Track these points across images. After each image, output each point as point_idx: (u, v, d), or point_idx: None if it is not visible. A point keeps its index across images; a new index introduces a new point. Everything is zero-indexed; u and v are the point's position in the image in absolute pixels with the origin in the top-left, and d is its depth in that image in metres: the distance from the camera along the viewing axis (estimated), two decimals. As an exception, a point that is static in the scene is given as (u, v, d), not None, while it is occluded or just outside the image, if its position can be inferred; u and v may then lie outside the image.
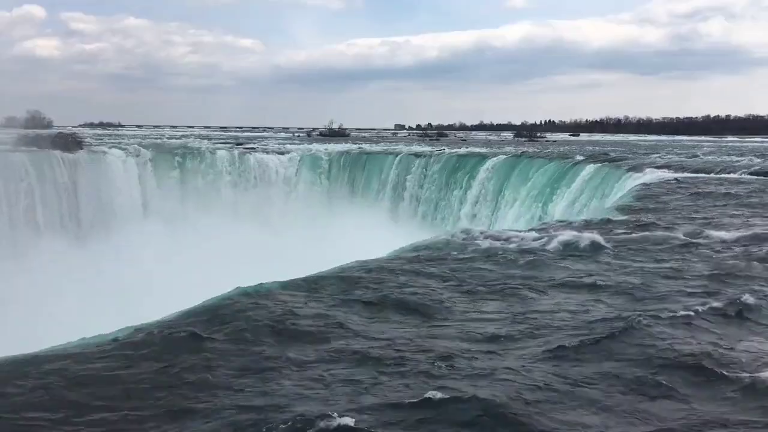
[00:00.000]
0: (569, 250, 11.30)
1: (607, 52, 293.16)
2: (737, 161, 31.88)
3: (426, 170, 41.42)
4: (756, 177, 24.24)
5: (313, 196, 43.55)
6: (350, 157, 46.19)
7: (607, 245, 11.50)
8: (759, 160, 32.76)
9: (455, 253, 11.14)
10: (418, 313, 7.73)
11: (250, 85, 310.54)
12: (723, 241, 11.90)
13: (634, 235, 12.57)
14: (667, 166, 28.34)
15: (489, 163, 38.12)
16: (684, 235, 12.38)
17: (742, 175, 24.94)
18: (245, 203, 41.02)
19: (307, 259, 14.27)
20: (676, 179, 23.54)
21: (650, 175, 25.08)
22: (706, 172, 26.00)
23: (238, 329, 6.77)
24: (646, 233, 12.71)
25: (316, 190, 44.35)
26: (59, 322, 17.57)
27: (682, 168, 27.73)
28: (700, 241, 11.97)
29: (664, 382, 5.66)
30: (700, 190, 20.18)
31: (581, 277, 9.50)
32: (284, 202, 42.89)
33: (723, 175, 25.01)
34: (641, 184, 22.90)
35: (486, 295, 8.56)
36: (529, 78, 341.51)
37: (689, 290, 8.66)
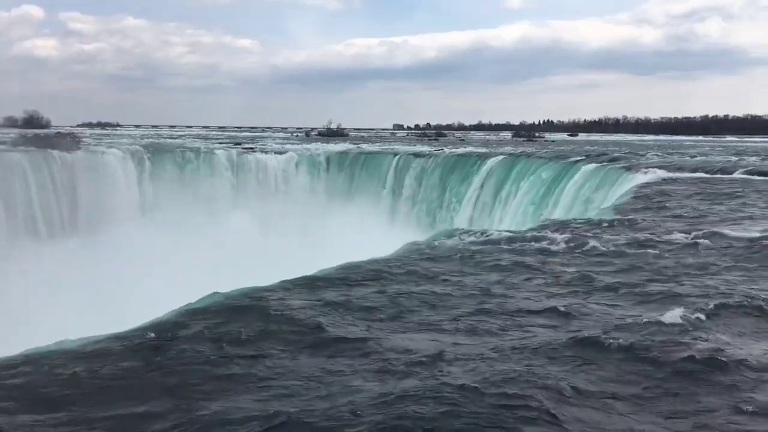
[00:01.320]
0: (568, 250, 11.30)
1: (605, 53, 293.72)
2: (735, 161, 31.91)
3: (424, 170, 41.40)
4: (755, 177, 24.26)
5: (311, 196, 43.49)
6: (349, 157, 46.15)
7: (606, 245, 11.50)
8: (754, 159, 32.81)
9: (452, 253, 11.14)
10: (412, 315, 7.72)
11: (248, 85, 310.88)
12: (723, 240, 11.90)
13: (632, 234, 12.57)
14: (665, 166, 28.34)
15: (487, 163, 38.11)
16: (683, 235, 12.38)
17: (740, 175, 24.97)
18: (243, 203, 40.97)
19: (305, 259, 14.26)
20: (674, 179, 23.56)
21: (648, 175, 25.09)
22: (704, 172, 26.02)
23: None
24: (645, 233, 12.71)
25: (315, 190, 44.30)
26: (56, 322, 17.54)
27: (680, 168, 27.75)
28: (701, 240, 11.97)
29: (668, 382, 5.66)
30: (698, 190, 20.19)
31: (580, 278, 9.50)
32: (282, 203, 42.82)
33: (721, 175, 25.04)
34: (639, 184, 22.91)
35: (482, 296, 8.55)
36: (528, 78, 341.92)
37: (690, 290, 8.66)
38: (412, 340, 6.73)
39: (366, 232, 32.82)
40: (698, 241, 11.92)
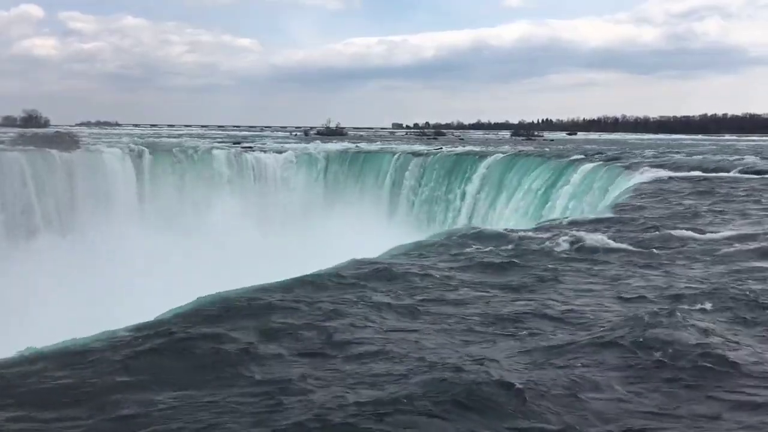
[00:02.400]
0: (567, 248, 11.32)
1: (604, 52, 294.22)
2: (732, 159, 31.97)
3: (423, 169, 41.42)
4: (749, 176, 24.33)
5: (310, 195, 43.49)
6: (348, 156, 46.14)
7: (605, 244, 11.52)
8: (753, 158, 32.87)
9: (451, 252, 11.16)
10: (412, 315, 7.74)
11: (248, 84, 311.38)
12: (722, 239, 11.93)
13: (631, 233, 12.60)
14: (664, 165, 28.39)
15: (486, 162, 38.15)
16: (683, 233, 12.40)
17: (737, 174, 25.05)
18: (242, 202, 40.97)
19: (304, 258, 14.28)
20: (672, 178, 23.60)
21: (647, 174, 25.14)
22: (702, 171, 26.06)
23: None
24: (644, 231, 12.75)
25: (313, 189, 44.30)
26: (55, 321, 17.55)
27: (678, 167, 27.79)
28: (701, 239, 12.00)
29: (672, 381, 5.69)
30: (697, 189, 20.24)
31: (579, 276, 9.53)
32: (281, 201, 42.84)
33: (719, 174, 25.08)
34: (638, 182, 22.97)
35: (481, 295, 8.57)
36: (527, 77, 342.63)
37: (691, 289, 8.68)
38: (408, 341, 6.75)
39: (365, 231, 32.83)
40: (696, 239, 11.96)
